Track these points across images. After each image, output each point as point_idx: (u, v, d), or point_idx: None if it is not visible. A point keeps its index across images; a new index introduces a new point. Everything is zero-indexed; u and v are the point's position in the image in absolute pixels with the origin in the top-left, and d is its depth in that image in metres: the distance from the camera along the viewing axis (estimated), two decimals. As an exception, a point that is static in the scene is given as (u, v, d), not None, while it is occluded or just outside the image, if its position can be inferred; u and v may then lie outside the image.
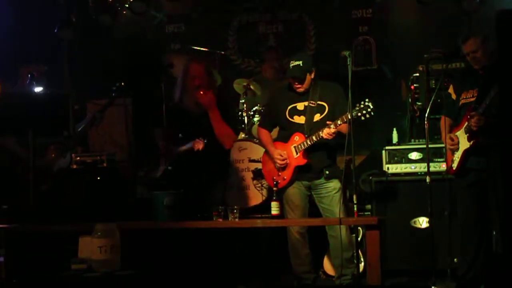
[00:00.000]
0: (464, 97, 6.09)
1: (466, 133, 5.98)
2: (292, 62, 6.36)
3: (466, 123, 5.96)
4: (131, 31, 9.87)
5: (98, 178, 6.93)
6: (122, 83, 7.60)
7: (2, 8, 9.52)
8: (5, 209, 7.28)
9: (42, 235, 6.56)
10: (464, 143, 6.01)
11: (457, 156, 6.05)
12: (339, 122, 6.10)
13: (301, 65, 6.33)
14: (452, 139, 6.10)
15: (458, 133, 6.07)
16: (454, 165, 6.07)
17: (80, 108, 8.26)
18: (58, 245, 6.65)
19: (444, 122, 6.26)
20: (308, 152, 6.33)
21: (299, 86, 6.38)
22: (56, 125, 6.65)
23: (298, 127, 6.39)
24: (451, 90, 6.25)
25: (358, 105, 6.04)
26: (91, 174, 6.92)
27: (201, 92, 6.51)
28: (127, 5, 9.52)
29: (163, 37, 9.92)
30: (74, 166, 6.91)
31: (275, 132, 6.77)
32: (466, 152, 6.00)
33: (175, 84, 6.76)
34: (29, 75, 7.00)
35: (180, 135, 6.70)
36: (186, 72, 6.61)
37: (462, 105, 6.09)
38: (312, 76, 6.41)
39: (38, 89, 6.99)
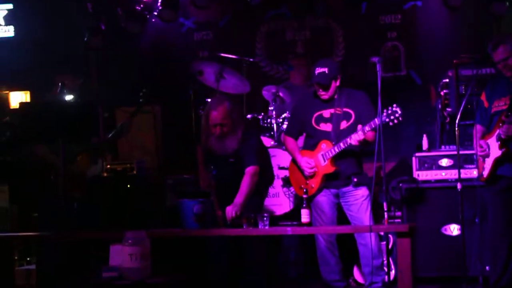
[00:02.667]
0: (496, 105, 6.04)
1: (497, 141, 5.94)
2: (317, 68, 6.33)
3: (498, 131, 5.92)
4: (159, 38, 9.91)
5: (128, 186, 6.98)
6: (148, 89, 7.64)
7: (33, 18, 9.62)
8: (36, 217, 7.36)
9: (73, 243, 6.61)
10: (495, 151, 5.97)
11: (488, 164, 6.01)
12: (367, 128, 6.07)
13: (326, 72, 6.30)
14: (481, 146, 6.06)
15: (489, 141, 6.03)
16: (485, 173, 6.04)
17: (109, 116, 8.33)
18: (89, 253, 6.71)
19: (476, 130, 6.22)
20: (335, 159, 6.31)
21: (324, 93, 6.36)
22: (86, 132, 6.71)
23: (325, 135, 6.36)
24: (483, 97, 6.21)
25: (386, 110, 6.01)
26: (121, 182, 6.97)
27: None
28: (155, 13, 9.57)
29: (191, 45, 9.95)
30: (105, 174, 6.97)
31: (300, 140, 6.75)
32: (496, 160, 5.96)
33: (201, 127, 6.69)
34: (59, 84, 7.06)
35: (212, 167, 6.70)
36: (207, 119, 6.51)
37: (495, 113, 6.04)
38: (338, 83, 6.38)
39: (68, 98, 7.05)
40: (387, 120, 5.99)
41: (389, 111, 6.00)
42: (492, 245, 6.18)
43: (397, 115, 5.99)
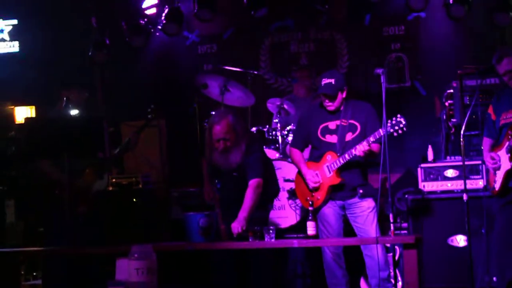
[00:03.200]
0: (504, 117, 6.04)
1: (507, 153, 5.93)
2: (324, 79, 6.34)
3: (507, 143, 5.91)
4: (164, 52, 9.94)
5: (134, 199, 6.98)
6: (156, 105, 7.65)
7: (37, 33, 9.66)
8: (42, 231, 7.36)
9: (79, 257, 6.61)
10: (505, 163, 5.96)
11: (499, 176, 6.00)
12: (371, 139, 6.07)
13: (333, 83, 6.30)
14: (493, 158, 6.04)
15: (499, 153, 6.02)
16: (497, 186, 6.03)
17: (114, 130, 8.33)
18: (95, 267, 6.70)
19: (485, 143, 6.22)
20: (341, 171, 6.30)
21: (330, 104, 6.35)
22: (91, 147, 6.71)
23: (330, 146, 6.35)
24: (490, 110, 6.21)
25: (390, 121, 6.01)
26: (126, 196, 6.97)
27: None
28: (160, 27, 9.60)
29: (195, 58, 9.97)
30: (110, 188, 6.97)
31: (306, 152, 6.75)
32: (507, 173, 5.95)
33: (205, 141, 6.68)
34: (64, 99, 7.07)
35: (216, 181, 6.68)
36: (210, 134, 6.48)
37: (503, 125, 6.04)
38: (344, 95, 6.38)
39: (73, 112, 7.06)
40: (391, 130, 5.99)
41: (394, 122, 6.01)
42: (498, 255, 6.16)
43: (401, 125, 5.99)
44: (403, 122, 5.99)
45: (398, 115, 6.03)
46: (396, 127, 5.99)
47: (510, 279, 5.99)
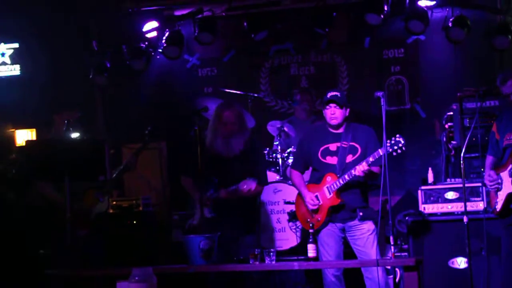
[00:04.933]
0: (508, 138, 6.04)
1: (510, 177, 5.92)
2: (330, 92, 6.33)
3: (510, 166, 5.92)
4: (164, 75, 9.98)
5: (134, 222, 6.97)
6: (154, 126, 7.67)
7: (38, 57, 9.69)
8: (43, 254, 7.34)
9: (80, 280, 6.59)
10: (508, 186, 5.95)
11: (501, 198, 6.00)
12: (370, 159, 6.08)
13: (339, 95, 6.32)
14: (491, 176, 6.04)
15: (502, 174, 6.00)
16: (498, 206, 6.02)
17: (115, 153, 8.35)
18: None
19: (488, 160, 6.22)
20: (341, 192, 6.31)
21: (335, 115, 6.31)
22: (92, 170, 6.71)
23: (331, 168, 6.36)
24: (494, 129, 6.21)
25: (389, 140, 6.02)
26: (127, 218, 6.96)
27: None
28: (160, 50, 9.64)
29: (196, 81, 10.01)
30: (111, 211, 6.97)
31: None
32: (509, 195, 5.94)
33: (207, 128, 6.76)
34: (65, 122, 7.09)
35: (214, 178, 6.68)
36: (218, 118, 6.60)
37: (506, 146, 6.04)
38: (347, 113, 6.39)
39: (74, 135, 7.07)
40: (390, 150, 6.01)
41: (393, 141, 6.02)
42: (504, 276, 6.13)
43: (400, 145, 6.01)
44: (402, 142, 6.01)
45: (397, 135, 6.04)
46: (395, 147, 6.01)
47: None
